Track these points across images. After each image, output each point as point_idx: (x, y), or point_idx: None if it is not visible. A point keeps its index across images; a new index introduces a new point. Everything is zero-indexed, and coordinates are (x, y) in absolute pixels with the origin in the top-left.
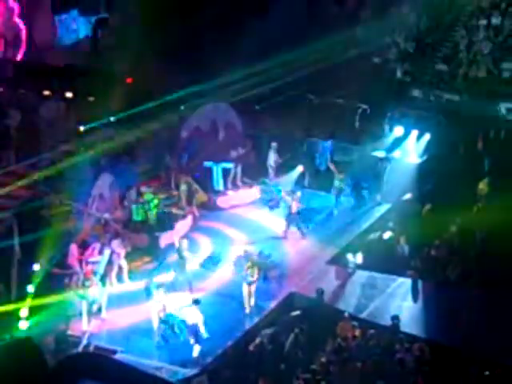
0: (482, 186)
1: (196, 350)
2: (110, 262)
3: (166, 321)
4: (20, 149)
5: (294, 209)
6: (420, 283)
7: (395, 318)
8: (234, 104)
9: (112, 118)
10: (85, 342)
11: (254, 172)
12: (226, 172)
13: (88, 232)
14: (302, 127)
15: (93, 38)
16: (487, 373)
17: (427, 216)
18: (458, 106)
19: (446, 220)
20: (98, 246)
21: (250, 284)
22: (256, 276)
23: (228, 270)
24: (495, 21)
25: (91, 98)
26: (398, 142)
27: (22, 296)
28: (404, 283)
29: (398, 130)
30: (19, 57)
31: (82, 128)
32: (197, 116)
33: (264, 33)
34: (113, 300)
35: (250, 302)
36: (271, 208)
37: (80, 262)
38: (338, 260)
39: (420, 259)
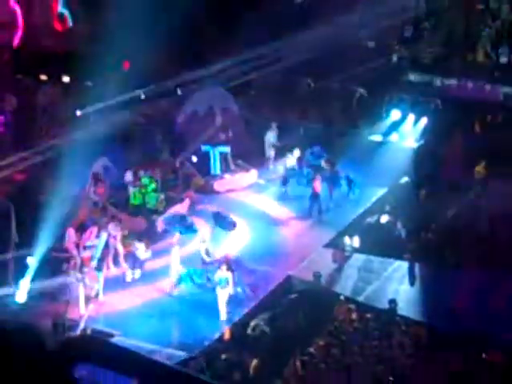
0: (479, 169)
1: None
2: (106, 246)
3: None
4: (16, 133)
5: (318, 189)
6: (417, 266)
7: (392, 301)
8: (231, 89)
9: (109, 103)
10: (82, 325)
11: (251, 155)
12: (222, 156)
13: (85, 216)
14: (299, 111)
15: (90, 22)
16: (484, 355)
17: (424, 200)
18: (455, 91)
19: (442, 204)
20: (95, 229)
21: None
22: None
23: None
24: (493, 5)
25: (88, 83)
26: (395, 125)
27: (18, 280)
28: (401, 266)
29: (395, 114)
30: (16, 41)
31: (78, 112)
32: (193, 100)
33: (261, 17)
34: (110, 283)
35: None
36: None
37: (77, 245)
38: (335, 243)
39: (417, 243)
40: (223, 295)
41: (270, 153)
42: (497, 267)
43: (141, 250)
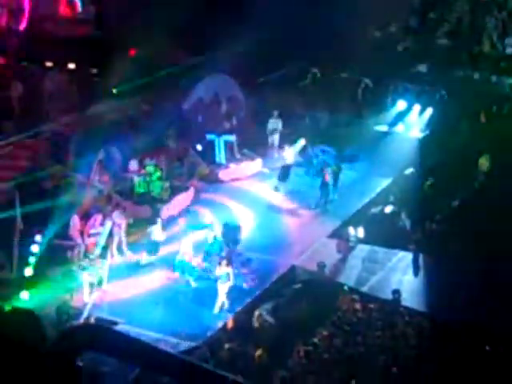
0: (483, 161)
1: None
2: (110, 234)
3: None
4: (22, 120)
5: (328, 178)
6: (421, 257)
7: (396, 292)
8: (237, 77)
9: (114, 90)
10: (86, 313)
11: (256, 144)
12: (228, 145)
13: (90, 203)
14: (305, 100)
15: (96, 9)
16: (488, 347)
17: (429, 190)
18: (460, 81)
19: (447, 194)
20: (99, 217)
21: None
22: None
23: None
24: None
25: (94, 70)
26: (401, 116)
27: (23, 267)
28: (405, 257)
29: (401, 105)
30: (22, 27)
31: (84, 99)
32: (199, 88)
33: (267, 5)
34: (114, 272)
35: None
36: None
37: (81, 233)
38: (339, 234)
39: (421, 233)
40: (223, 289)
41: (274, 140)
42: (501, 258)
43: (157, 232)
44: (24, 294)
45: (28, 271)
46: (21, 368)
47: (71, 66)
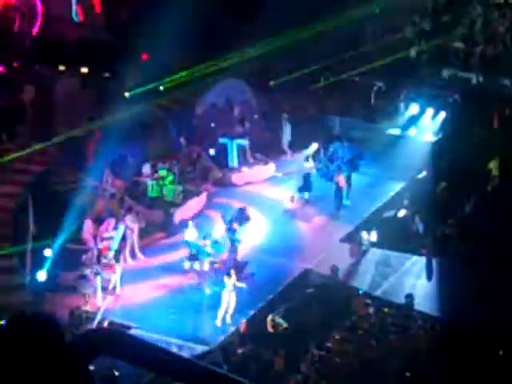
0: (492, 166)
1: None
2: (123, 238)
3: None
4: (34, 124)
5: (341, 184)
6: (434, 261)
7: (409, 296)
8: (249, 81)
9: (127, 94)
10: (99, 317)
11: (269, 148)
12: (241, 149)
13: (103, 207)
14: (317, 104)
15: (108, 13)
16: (501, 352)
17: (442, 194)
18: (473, 85)
19: (460, 198)
20: (112, 221)
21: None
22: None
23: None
24: None
25: (106, 74)
26: (414, 120)
27: (36, 271)
28: (418, 261)
29: (414, 108)
30: (35, 31)
31: (96, 103)
32: (212, 92)
33: (279, 8)
34: (127, 276)
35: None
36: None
37: (95, 237)
38: (352, 238)
39: (434, 237)
40: (230, 299)
41: (287, 146)
42: None
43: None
44: (38, 298)
45: (41, 275)
46: (34, 367)
47: (84, 69)
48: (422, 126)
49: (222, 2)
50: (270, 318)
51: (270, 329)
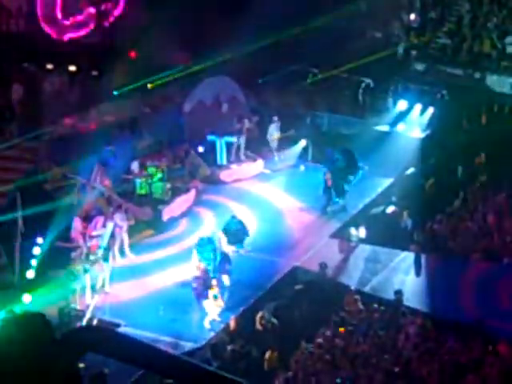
0: (479, 161)
1: None
2: (112, 236)
3: None
4: (23, 122)
5: (329, 183)
6: (423, 257)
7: (398, 292)
8: (237, 78)
9: (115, 92)
10: (88, 315)
11: (257, 145)
12: (229, 146)
13: (91, 205)
14: (305, 101)
15: (97, 12)
16: (490, 348)
17: (430, 190)
18: (461, 81)
19: (448, 194)
20: (101, 219)
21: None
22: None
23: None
24: None
25: (94, 72)
26: (402, 116)
27: (25, 269)
28: (407, 257)
29: (402, 104)
30: (22, 30)
31: (84, 102)
32: (200, 89)
33: (266, 5)
34: (116, 274)
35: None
36: None
37: (83, 235)
38: (341, 234)
39: (423, 233)
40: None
41: (273, 145)
42: (503, 258)
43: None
44: (26, 297)
45: (30, 274)
46: (30, 370)
47: (72, 68)
48: (411, 122)
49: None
50: (259, 314)
51: (259, 326)
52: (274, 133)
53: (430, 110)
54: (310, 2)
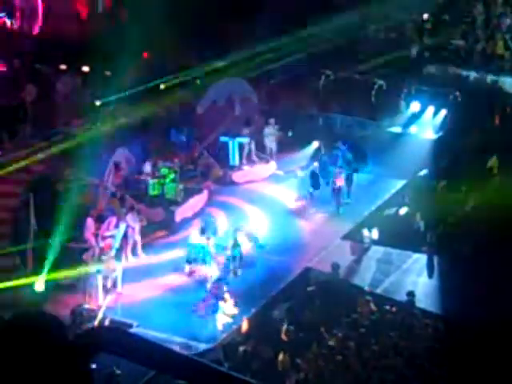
0: (491, 164)
1: None
2: (125, 236)
3: None
4: (36, 123)
5: (338, 183)
6: (435, 259)
7: (410, 293)
8: (250, 79)
9: (128, 93)
10: (100, 315)
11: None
12: (241, 147)
13: (104, 206)
14: (318, 102)
15: (110, 13)
16: (502, 348)
17: (442, 192)
18: (474, 83)
19: (461, 196)
20: (113, 220)
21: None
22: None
23: None
24: None
25: (107, 73)
26: (414, 117)
27: (37, 270)
28: (419, 259)
29: (415, 106)
30: (36, 30)
31: (97, 102)
32: (213, 91)
33: (280, 7)
34: (128, 274)
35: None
36: None
37: (96, 235)
38: (353, 235)
39: (435, 235)
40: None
41: (272, 147)
42: None
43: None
44: (39, 297)
45: (43, 274)
46: (43, 371)
47: (85, 68)
48: (423, 124)
49: (220, 2)
50: (272, 315)
51: (284, 337)
52: (269, 136)
53: (443, 112)
54: (324, 3)
